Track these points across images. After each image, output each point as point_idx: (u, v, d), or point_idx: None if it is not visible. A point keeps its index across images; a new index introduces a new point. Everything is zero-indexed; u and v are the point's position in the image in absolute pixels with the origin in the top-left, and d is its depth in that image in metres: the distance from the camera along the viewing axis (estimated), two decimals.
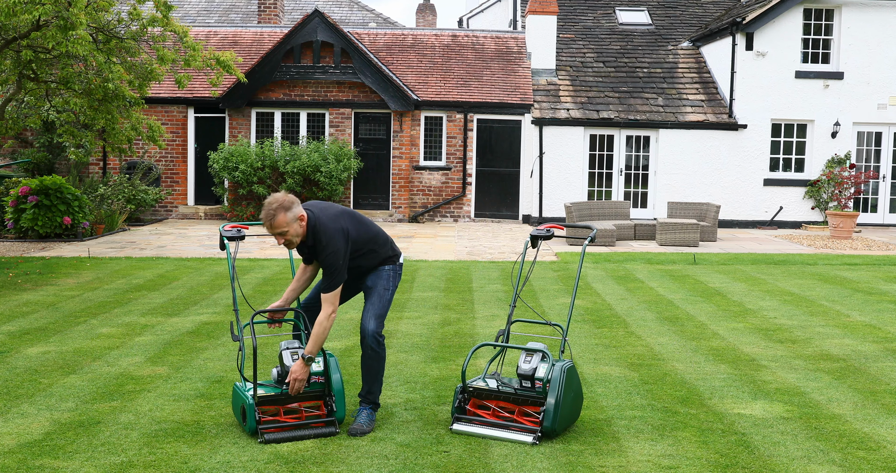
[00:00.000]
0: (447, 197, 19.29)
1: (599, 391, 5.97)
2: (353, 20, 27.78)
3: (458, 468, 4.53)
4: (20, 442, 4.84)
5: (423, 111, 19.18)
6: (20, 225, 14.58)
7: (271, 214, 4.83)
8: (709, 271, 12.10)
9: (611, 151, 19.36)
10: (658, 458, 4.70)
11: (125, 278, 10.78)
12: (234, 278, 5.28)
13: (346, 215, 5.13)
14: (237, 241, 5.24)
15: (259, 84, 18.54)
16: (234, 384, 5.23)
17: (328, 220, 5.00)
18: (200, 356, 6.88)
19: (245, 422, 4.96)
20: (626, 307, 9.30)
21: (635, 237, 16.09)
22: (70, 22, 10.25)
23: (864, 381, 6.35)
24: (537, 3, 20.26)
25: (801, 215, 19.30)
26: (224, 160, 17.83)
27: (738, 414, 5.49)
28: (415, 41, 21.27)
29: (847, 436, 5.10)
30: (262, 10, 23.90)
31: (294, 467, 4.51)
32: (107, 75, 11.61)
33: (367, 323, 5.18)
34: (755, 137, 19.15)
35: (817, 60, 19.26)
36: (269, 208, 4.84)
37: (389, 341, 7.45)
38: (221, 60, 12.58)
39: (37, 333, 7.64)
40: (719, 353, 7.18)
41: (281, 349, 5.09)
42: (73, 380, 6.11)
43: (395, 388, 5.98)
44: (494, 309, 8.96)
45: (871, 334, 8.03)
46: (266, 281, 10.69)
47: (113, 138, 13.32)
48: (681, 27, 22.38)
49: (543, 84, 19.91)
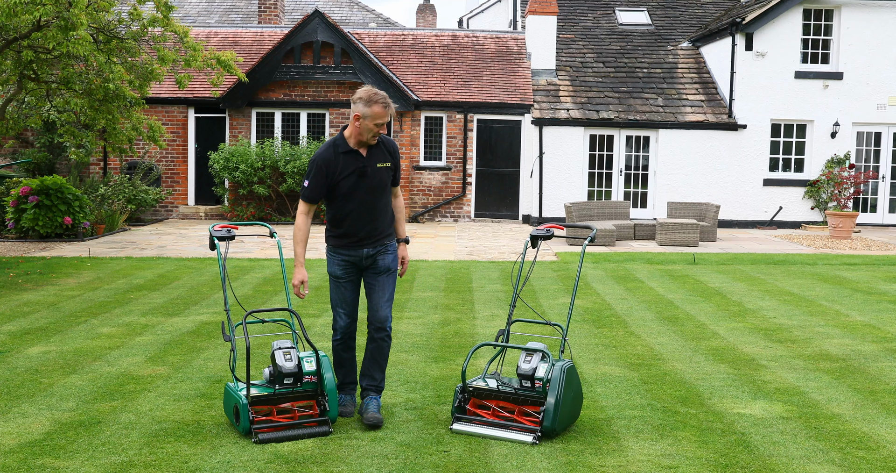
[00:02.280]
0: (447, 197, 19.30)
1: (599, 391, 5.97)
2: (353, 20, 27.79)
3: (458, 468, 4.53)
4: (21, 442, 4.85)
5: (424, 111, 19.20)
6: (21, 225, 14.59)
7: (388, 100, 5.11)
8: (708, 271, 12.11)
9: (611, 151, 19.37)
10: (658, 458, 4.70)
11: (126, 278, 10.79)
12: (224, 279, 5.29)
13: None
14: (227, 241, 5.26)
15: (259, 84, 18.55)
16: (225, 385, 5.23)
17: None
18: (201, 355, 6.89)
19: (238, 422, 4.97)
20: (625, 306, 9.30)
21: (635, 237, 16.10)
22: (71, 22, 10.26)
23: (863, 381, 6.35)
24: (537, 4, 20.27)
25: (800, 215, 19.31)
26: (224, 160, 17.84)
27: (738, 414, 5.50)
28: (415, 41, 21.28)
29: (846, 436, 5.10)
30: (262, 10, 23.92)
31: (294, 467, 4.52)
32: (107, 75, 11.63)
33: (386, 311, 5.33)
34: (755, 138, 19.16)
35: (817, 60, 19.27)
36: (384, 95, 5.10)
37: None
38: (222, 60, 12.59)
39: (37, 333, 7.65)
40: (719, 353, 7.19)
41: (273, 350, 5.10)
42: (74, 380, 6.12)
43: (395, 388, 5.98)
44: (494, 309, 8.97)
45: (871, 334, 8.04)
46: (266, 281, 10.69)
47: (113, 138, 13.34)
48: (681, 27, 22.39)
49: (543, 84, 19.92)
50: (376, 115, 5.07)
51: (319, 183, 5.15)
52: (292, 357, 5.06)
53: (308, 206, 5.20)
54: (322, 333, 7.74)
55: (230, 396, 5.08)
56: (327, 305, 9.10)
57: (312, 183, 5.16)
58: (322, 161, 5.14)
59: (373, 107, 5.05)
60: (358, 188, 5.17)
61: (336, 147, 5.17)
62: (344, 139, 5.19)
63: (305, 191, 5.19)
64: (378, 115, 5.07)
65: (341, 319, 5.35)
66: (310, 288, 10.15)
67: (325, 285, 10.44)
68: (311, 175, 5.16)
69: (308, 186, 5.17)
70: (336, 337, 5.40)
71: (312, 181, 5.16)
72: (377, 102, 5.06)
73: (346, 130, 5.22)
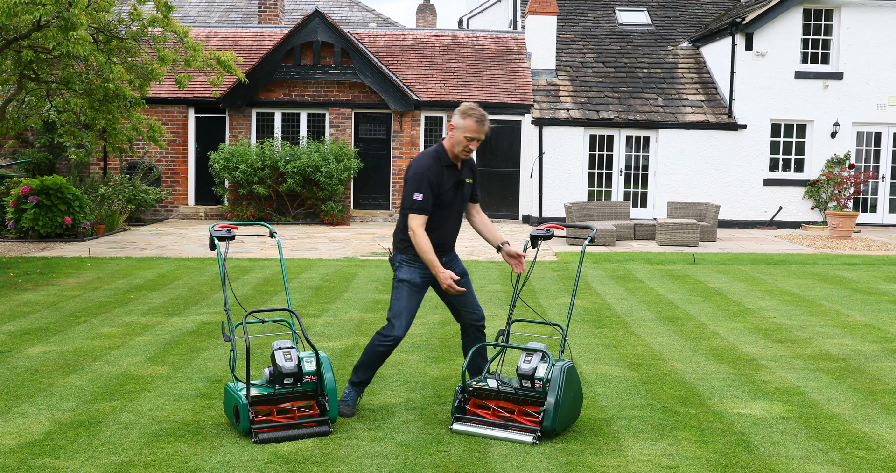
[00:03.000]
0: None
1: (599, 391, 5.97)
2: (353, 20, 27.79)
3: (458, 468, 4.53)
4: (21, 442, 4.85)
5: (424, 111, 19.20)
6: (21, 225, 14.59)
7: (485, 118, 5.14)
8: (708, 271, 12.11)
9: (611, 151, 19.38)
10: (658, 458, 4.70)
11: (126, 278, 10.79)
12: (224, 279, 5.29)
13: None
14: (227, 241, 5.26)
15: (259, 84, 18.55)
16: (225, 385, 5.23)
17: None
18: (201, 355, 6.89)
19: (238, 422, 4.97)
20: (625, 306, 9.30)
21: (635, 237, 16.10)
22: (71, 22, 10.26)
23: (863, 381, 6.35)
24: (537, 4, 20.27)
25: (800, 215, 19.31)
26: (224, 160, 17.84)
27: (738, 414, 5.50)
28: (415, 41, 21.28)
29: (846, 436, 5.10)
30: (262, 10, 23.92)
31: (294, 467, 4.51)
32: (107, 75, 11.63)
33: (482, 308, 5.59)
34: (755, 138, 19.17)
35: (817, 60, 19.27)
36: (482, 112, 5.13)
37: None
38: (222, 60, 12.59)
39: (37, 333, 7.65)
40: (719, 353, 7.19)
41: (273, 349, 5.10)
42: (74, 380, 6.12)
43: (395, 388, 5.99)
44: (494, 309, 8.96)
45: (871, 334, 8.04)
46: (266, 281, 10.69)
47: (113, 138, 13.33)
48: (681, 27, 22.39)
49: (543, 84, 19.92)
50: (468, 128, 5.11)
51: (429, 195, 5.18)
52: (292, 357, 5.06)
53: (423, 218, 5.18)
54: (322, 333, 7.74)
55: (230, 396, 5.08)
56: (327, 305, 9.10)
57: (426, 195, 5.16)
58: (431, 173, 5.18)
59: (466, 119, 5.11)
60: (455, 201, 5.32)
61: (439, 160, 5.23)
62: (445, 152, 5.26)
63: (420, 204, 5.15)
64: (470, 128, 5.11)
65: (401, 328, 5.31)
66: (310, 287, 10.16)
67: (325, 284, 10.44)
68: (423, 187, 5.15)
69: (422, 198, 5.15)
70: (387, 343, 5.32)
71: (425, 193, 5.16)
72: (471, 115, 5.11)
73: (445, 142, 5.27)
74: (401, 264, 5.38)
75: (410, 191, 5.18)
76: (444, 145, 5.28)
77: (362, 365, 5.41)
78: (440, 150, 5.27)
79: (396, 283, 5.38)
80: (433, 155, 5.25)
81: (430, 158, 5.24)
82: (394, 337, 5.31)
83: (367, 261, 12.75)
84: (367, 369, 5.41)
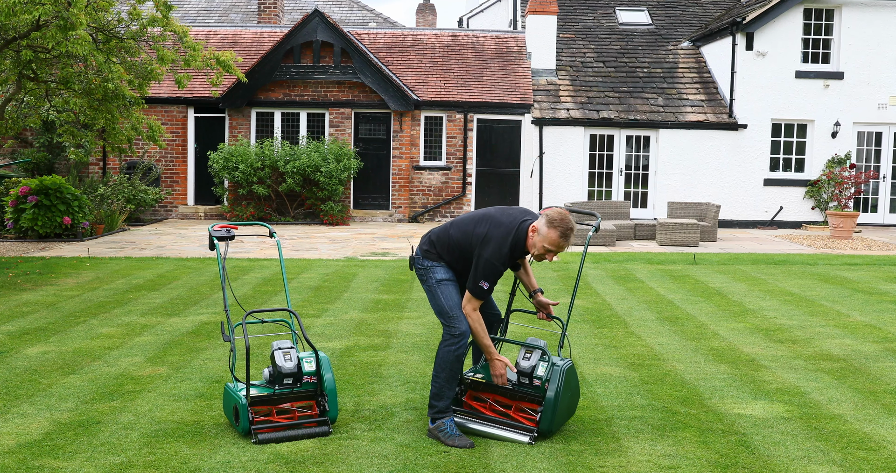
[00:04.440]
0: (447, 197, 19.29)
1: (599, 391, 5.96)
2: (353, 20, 27.78)
3: (458, 468, 4.52)
4: (20, 442, 4.84)
5: (423, 111, 19.19)
6: (20, 225, 14.58)
7: (571, 233, 4.84)
8: (709, 271, 12.10)
9: (611, 151, 19.36)
10: (658, 458, 4.69)
11: (125, 278, 10.78)
12: (224, 279, 5.28)
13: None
14: (227, 241, 5.25)
15: (259, 84, 18.54)
16: (225, 385, 5.23)
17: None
18: (200, 356, 6.87)
19: (238, 423, 4.96)
20: (626, 307, 9.29)
21: (635, 237, 16.09)
22: (70, 22, 10.24)
23: (864, 381, 6.34)
24: (537, 3, 20.26)
25: (801, 215, 19.30)
26: (224, 160, 17.82)
27: (738, 414, 5.49)
28: (415, 41, 21.27)
29: (847, 436, 5.09)
30: (261, 10, 23.91)
31: (294, 467, 4.50)
32: (107, 75, 11.61)
33: (499, 310, 5.48)
34: (755, 137, 19.15)
35: (817, 59, 19.26)
36: (570, 227, 4.82)
37: (390, 341, 7.46)
38: (221, 60, 12.58)
39: (37, 333, 7.64)
40: (719, 353, 7.18)
41: (273, 350, 5.09)
42: (73, 380, 6.11)
43: (395, 388, 5.98)
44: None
45: (872, 334, 8.03)
46: (266, 281, 10.68)
47: (113, 138, 13.32)
48: (681, 27, 22.38)
49: (543, 84, 19.91)
50: (550, 240, 4.82)
51: (495, 285, 5.00)
52: (292, 358, 5.05)
53: (479, 302, 4.97)
54: (322, 333, 7.73)
55: (230, 396, 5.07)
56: (327, 305, 9.09)
57: (492, 285, 4.96)
58: (503, 266, 4.93)
59: (551, 231, 4.80)
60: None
61: (514, 250, 4.94)
62: (524, 246, 4.95)
63: (485, 293, 4.93)
64: (552, 240, 4.81)
65: (462, 321, 5.00)
66: (310, 287, 10.15)
67: (325, 284, 10.43)
68: (491, 278, 4.91)
69: (488, 288, 4.92)
70: (460, 342, 4.99)
71: (492, 283, 4.94)
72: (557, 227, 4.79)
73: (529, 238, 4.93)
74: (432, 268, 5.15)
75: (480, 275, 4.90)
76: (527, 241, 4.94)
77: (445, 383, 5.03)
78: (521, 241, 4.93)
79: (435, 284, 5.12)
80: (511, 244, 4.92)
81: (510, 247, 4.91)
82: (461, 332, 4.98)
83: (366, 261, 12.73)
84: (451, 382, 5.04)
